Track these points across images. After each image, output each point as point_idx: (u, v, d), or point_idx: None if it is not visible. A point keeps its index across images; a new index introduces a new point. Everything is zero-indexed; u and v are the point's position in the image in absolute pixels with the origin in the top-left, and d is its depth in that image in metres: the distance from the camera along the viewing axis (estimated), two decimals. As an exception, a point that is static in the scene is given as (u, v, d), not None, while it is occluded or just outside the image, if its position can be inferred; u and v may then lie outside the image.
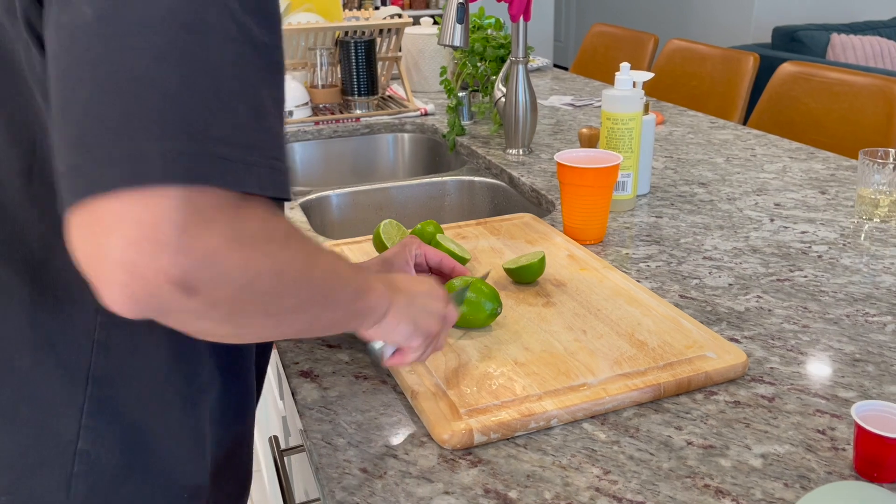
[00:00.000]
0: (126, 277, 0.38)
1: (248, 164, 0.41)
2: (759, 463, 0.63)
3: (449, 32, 1.28)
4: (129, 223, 0.38)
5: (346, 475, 0.62)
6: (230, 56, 0.41)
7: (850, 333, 0.82)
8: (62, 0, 0.40)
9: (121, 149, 0.38)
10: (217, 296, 0.41)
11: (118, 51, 0.39)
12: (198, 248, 0.39)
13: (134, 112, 0.38)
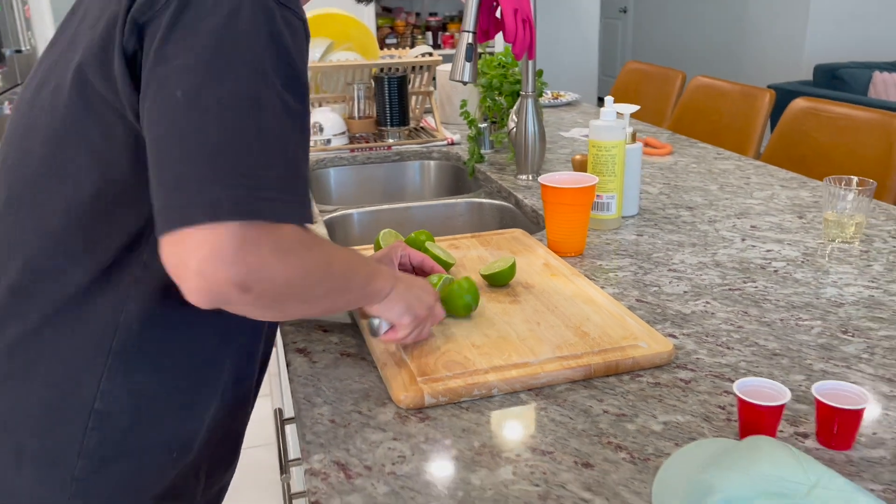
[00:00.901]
0: (202, 282, 0.58)
1: (285, 202, 0.60)
2: (660, 428, 0.75)
3: (459, 69, 1.44)
4: (205, 246, 0.57)
5: (318, 424, 0.77)
6: (277, 125, 0.60)
7: (777, 334, 0.93)
8: (159, 83, 0.59)
9: (201, 195, 0.57)
10: (265, 292, 0.61)
11: (200, 123, 0.58)
12: (250, 262, 0.58)
13: (209, 168, 0.57)
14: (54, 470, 0.69)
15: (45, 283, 0.69)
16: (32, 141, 0.70)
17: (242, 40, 0.60)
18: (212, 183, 0.57)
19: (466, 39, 1.44)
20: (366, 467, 0.70)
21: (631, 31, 7.09)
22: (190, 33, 0.59)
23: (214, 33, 0.59)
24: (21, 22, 3.49)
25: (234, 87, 0.58)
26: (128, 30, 0.62)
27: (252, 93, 0.59)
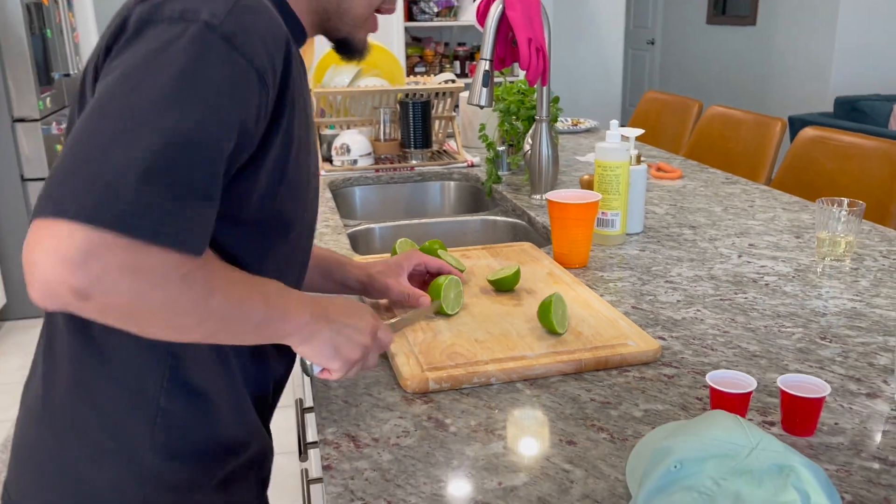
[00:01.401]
0: (38, 279, 0.57)
1: (158, 223, 0.58)
2: (640, 414, 0.82)
3: (476, 94, 1.54)
4: (48, 241, 0.56)
5: (332, 404, 0.86)
6: (162, 159, 0.59)
7: (760, 338, 1.00)
8: (96, 92, 0.63)
9: (65, 189, 0.57)
10: (109, 306, 0.59)
11: (95, 127, 0.60)
12: (92, 269, 0.56)
13: (85, 167, 0.58)
14: (131, 465, 0.75)
15: None
16: None
17: (164, 64, 0.62)
18: (81, 182, 0.57)
19: (484, 67, 1.54)
20: (373, 439, 0.79)
21: (658, 63, 7.18)
22: (130, 54, 0.64)
23: (145, 55, 0.63)
24: (70, 47, 3.69)
25: (138, 102, 0.60)
26: (103, 56, 0.69)
27: (155, 111, 0.60)
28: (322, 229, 1.53)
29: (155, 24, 0.64)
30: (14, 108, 3.18)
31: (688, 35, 6.58)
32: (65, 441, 0.76)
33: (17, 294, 3.37)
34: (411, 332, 0.99)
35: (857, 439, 0.77)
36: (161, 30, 0.64)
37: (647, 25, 7.25)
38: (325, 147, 2.12)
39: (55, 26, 3.50)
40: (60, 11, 3.58)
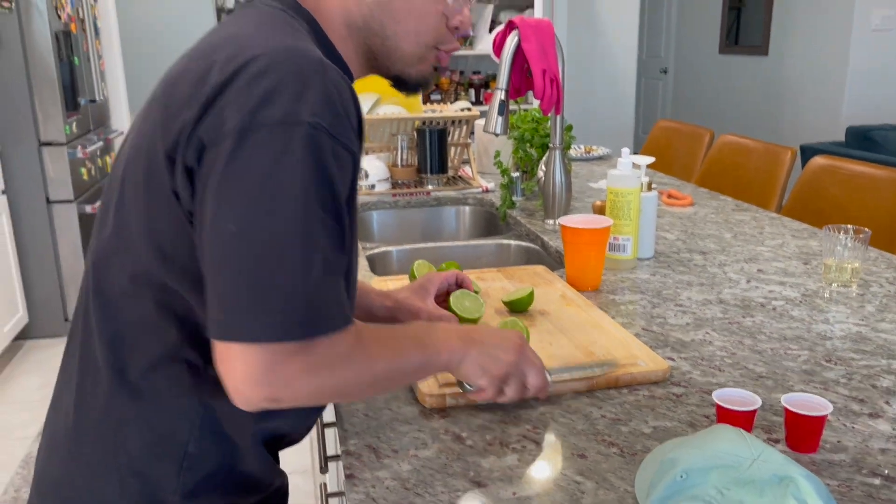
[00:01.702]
0: (238, 395, 0.69)
1: (316, 319, 0.68)
2: (650, 430, 0.86)
3: (492, 122, 1.60)
4: (239, 366, 0.67)
5: (354, 417, 0.90)
6: (313, 251, 0.67)
7: (766, 360, 1.04)
8: (214, 214, 0.66)
9: (239, 318, 0.66)
10: (296, 401, 0.71)
11: (246, 254, 0.66)
12: (278, 380, 0.68)
13: (249, 294, 0.66)
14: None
15: (142, 338, 0.75)
16: (107, 213, 0.78)
17: (289, 178, 0.66)
18: (248, 309, 0.66)
19: (499, 96, 1.60)
20: (393, 451, 0.82)
21: (671, 91, 7.25)
22: (244, 168, 0.66)
23: (266, 170, 0.65)
24: (97, 74, 3.80)
25: (278, 224, 0.66)
26: (193, 144, 0.69)
27: (293, 226, 0.66)
28: (341, 251, 1.58)
29: (256, 132, 0.66)
30: (41, 132, 3.27)
31: (700, 64, 6.65)
32: (92, 481, 0.78)
33: (39, 313, 3.44)
34: (429, 350, 1.03)
35: (858, 456, 0.80)
36: (267, 138, 0.66)
37: (659, 55, 7.33)
38: (343, 172, 2.17)
39: (82, 54, 3.61)
40: (88, 39, 3.69)
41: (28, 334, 3.44)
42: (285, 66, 0.68)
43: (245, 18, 0.79)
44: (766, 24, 5.62)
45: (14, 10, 3.14)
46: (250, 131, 0.66)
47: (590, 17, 4.28)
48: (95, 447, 0.78)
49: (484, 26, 4.22)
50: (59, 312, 3.45)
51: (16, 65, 3.18)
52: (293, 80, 0.68)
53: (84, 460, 0.79)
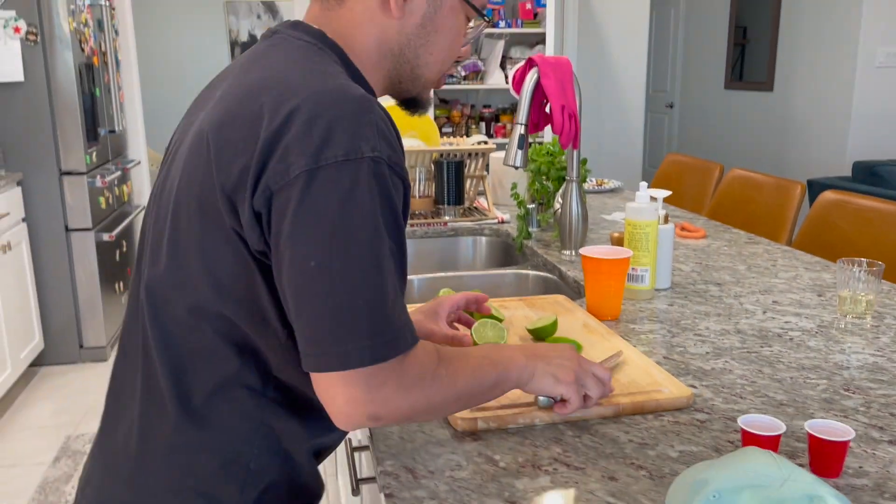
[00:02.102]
0: (343, 417, 0.75)
1: (398, 338, 0.74)
2: (676, 455, 0.89)
3: (512, 155, 1.65)
4: (342, 392, 0.73)
5: (388, 440, 0.93)
6: (388, 275, 0.74)
7: (786, 388, 1.06)
8: (293, 252, 0.71)
9: (334, 348, 0.72)
10: (394, 418, 0.77)
11: (330, 287, 0.71)
12: (378, 400, 0.74)
13: (339, 325, 0.71)
14: None
15: (204, 366, 0.80)
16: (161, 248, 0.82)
17: (361, 210, 0.71)
18: (341, 339, 0.71)
19: (519, 130, 1.65)
20: (429, 471, 0.85)
21: (677, 126, 7.34)
22: (316, 207, 0.71)
23: (337, 206, 0.70)
24: (116, 105, 3.88)
25: (356, 254, 0.71)
26: (259, 191, 0.72)
27: (370, 254, 0.72)
28: (364, 280, 1.61)
29: (324, 171, 0.71)
30: (62, 161, 3.34)
31: (706, 99, 6.74)
32: (160, 502, 0.82)
33: (54, 340, 3.47)
34: (458, 376, 1.06)
35: (880, 481, 0.83)
36: (334, 175, 0.71)
37: (665, 89, 7.44)
38: (362, 203, 2.22)
39: (103, 85, 3.69)
40: (109, 72, 3.77)
41: (43, 361, 3.47)
42: (336, 107, 0.73)
43: (279, 53, 0.83)
44: (771, 61, 5.72)
45: (40, 42, 3.22)
46: (317, 171, 0.71)
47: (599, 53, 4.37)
48: (162, 472, 0.82)
49: (495, 62, 4.30)
50: (74, 339, 3.49)
51: (40, 96, 3.26)
52: (347, 118, 0.72)
53: (151, 484, 0.82)
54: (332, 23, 0.86)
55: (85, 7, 3.46)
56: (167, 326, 0.81)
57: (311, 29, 0.86)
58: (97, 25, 3.62)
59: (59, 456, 2.70)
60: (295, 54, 0.82)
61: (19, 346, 3.14)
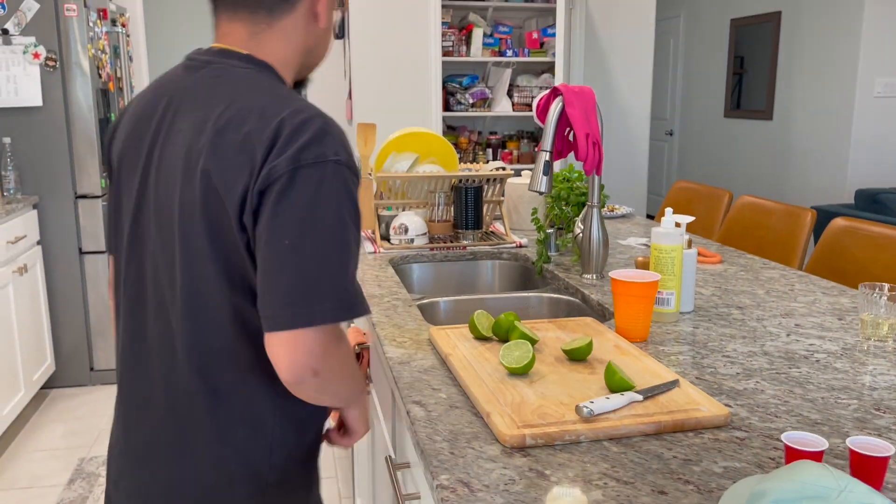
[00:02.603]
0: (295, 370, 0.91)
1: (355, 306, 0.92)
2: (721, 470, 0.92)
3: (537, 181, 1.69)
4: (300, 343, 0.90)
5: (440, 454, 0.96)
6: (347, 254, 0.93)
7: (819, 408, 1.10)
8: (271, 234, 0.89)
9: (305, 308, 0.89)
10: (322, 378, 0.93)
11: (300, 261, 0.89)
12: (322, 357, 0.92)
13: (309, 292, 0.89)
14: (256, 482, 1.03)
15: (228, 362, 0.99)
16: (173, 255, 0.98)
17: (327, 201, 0.90)
18: (310, 301, 0.89)
19: (544, 157, 1.69)
20: (484, 485, 0.88)
21: (677, 153, 7.43)
22: (293, 199, 0.89)
23: (309, 198, 0.89)
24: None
25: (323, 235, 0.89)
26: (255, 197, 0.91)
27: (334, 237, 0.90)
28: (394, 301, 1.65)
29: (303, 168, 0.90)
30: (78, 184, 3.37)
31: (706, 127, 6.83)
32: (205, 475, 1.01)
33: (66, 362, 3.48)
34: (501, 394, 1.09)
35: (921, 496, 0.86)
36: (309, 172, 0.90)
37: (665, 117, 7.54)
38: (382, 226, 2.26)
39: (119, 111, 3.74)
40: (124, 97, 3.83)
41: (54, 383, 3.47)
42: (308, 123, 0.93)
43: (237, 83, 0.98)
44: (770, 90, 5.81)
45: (58, 68, 3.28)
46: (298, 169, 0.89)
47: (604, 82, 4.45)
48: (200, 450, 1.00)
49: (502, 89, 4.38)
50: (84, 362, 3.50)
51: (57, 120, 3.30)
52: (317, 131, 0.92)
53: (190, 463, 1.00)
54: (261, 44, 1.02)
55: (102, 34, 3.53)
56: (195, 333, 0.97)
57: (241, 55, 1.01)
58: (113, 52, 3.68)
59: (73, 478, 2.70)
60: (255, 82, 0.98)
61: (32, 368, 3.15)
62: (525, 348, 1.18)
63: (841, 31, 5.06)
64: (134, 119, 1.05)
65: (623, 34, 4.38)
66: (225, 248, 0.93)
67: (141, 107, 1.05)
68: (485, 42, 4.36)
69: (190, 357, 0.97)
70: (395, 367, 1.26)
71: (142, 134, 1.02)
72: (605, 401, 1.04)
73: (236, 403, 0.99)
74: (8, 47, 3.18)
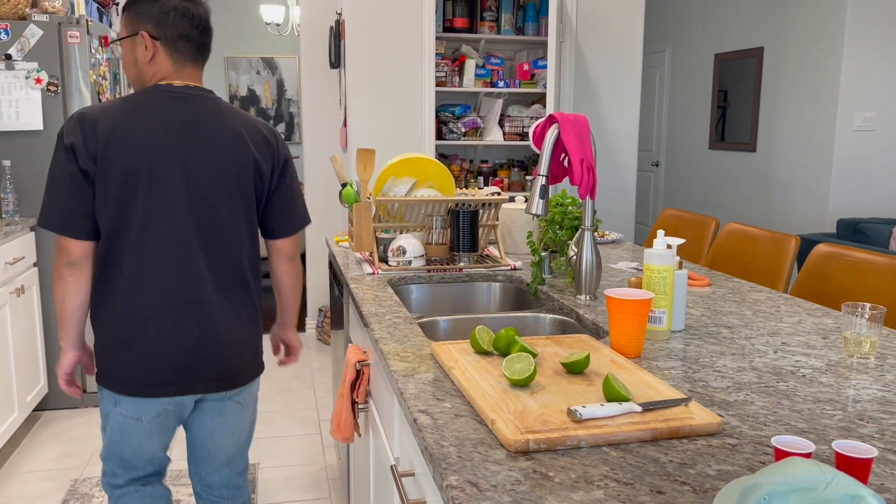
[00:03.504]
0: (293, 250, 1.92)
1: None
2: (715, 472, 0.97)
3: (534, 204, 1.75)
4: (297, 239, 1.91)
5: (448, 457, 1.00)
6: (303, 200, 1.88)
7: (806, 418, 1.15)
8: (286, 188, 1.90)
9: (305, 220, 1.91)
10: (297, 259, 1.95)
11: (298, 200, 1.91)
12: (297, 247, 1.90)
13: (303, 210, 1.91)
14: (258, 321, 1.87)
15: (247, 257, 1.86)
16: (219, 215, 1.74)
17: (295, 172, 1.86)
18: (305, 217, 1.91)
19: (541, 182, 1.76)
20: (491, 486, 0.93)
21: (663, 183, 7.56)
22: (291, 171, 1.87)
23: (293, 171, 1.87)
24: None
25: (299, 189, 1.87)
26: (279, 171, 1.85)
27: (299, 189, 1.88)
28: (394, 319, 1.70)
29: (290, 157, 1.84)
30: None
31: (691, 158, 6.97)
32: (252, 324, 1.85)
33: (58, 384, 3.48)
34: (504, 404, 1.14)
35: (902, 495, 0.91)
36: (291, 160, 1.84)
37: (652, 148, 7.68)
38: (381, 249, 2.32)
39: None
40: (122, 121, 3.88)
41: (46, 405, 3.47)
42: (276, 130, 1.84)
43: (230, 107, 1.77)
44: (754, 123, 5.96)
45: (60, 93, 3.33)
46: (288, 158, 1.85)
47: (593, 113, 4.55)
48: (248, 315, 1.81)
49: (493, 119, 4.47)
50: (77, 383, 3.50)
51: (57, 144, 3.35)
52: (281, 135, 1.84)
53: (246, 322, 1.81)
54: (202, 82, 1.79)
55: (103, 61, 3.59)
56: (236, 256, 1.77)
57: (209, 90, 1.76)
58: (113, 78, 3.74)
59: (66, 499, 2.70)
60: (233, 108, 1.78)
61: (26, 389, 3.15)
62: (527, 361, 1.23)
63: (821, 66, 5.22)
64: (148, 136, 1.62)
65: (611, 67, 4.51)
66: (250, 200, 1.77)
67: (144, 125, 1.62)
68: (477, 73, 4.47)
69: (228, 257, 1.76)
70: (399, 380, 1.30)
71: (166, 145, 1.64)
72: (599, 407, 1.10)
73: (250, 283, 1.82)
74: (10, 72, 3.24)
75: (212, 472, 1.89)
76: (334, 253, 2.56)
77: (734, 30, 6.25)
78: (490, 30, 4.52)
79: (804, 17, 5.40)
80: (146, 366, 1.64)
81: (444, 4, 4.46)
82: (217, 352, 1.70)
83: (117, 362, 1.65)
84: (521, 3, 4.60)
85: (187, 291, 1.65)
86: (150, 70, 1.67)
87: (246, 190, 1.70)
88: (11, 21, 3.26)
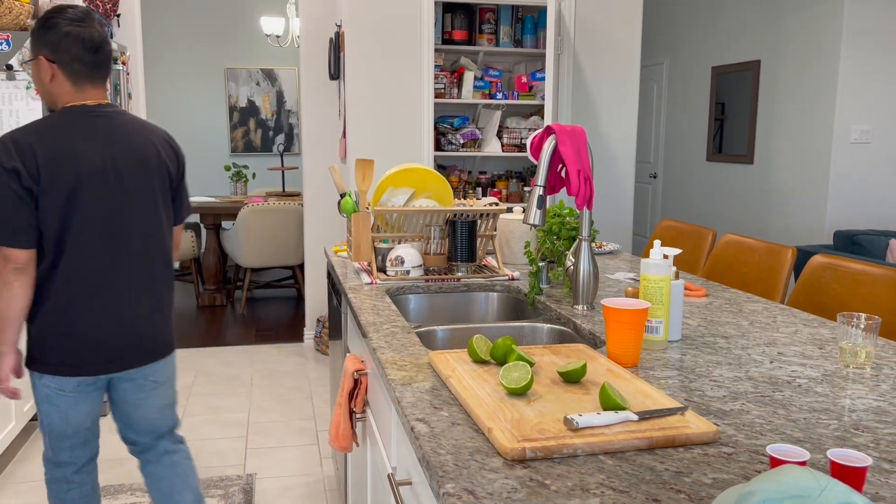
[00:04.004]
0: (180, 243, 2.20)
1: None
2: (710, 481, 0.97)
3: (532, 215, 1.76)
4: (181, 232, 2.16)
5: (445, 465, 1.01)
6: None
7: (801, 427, 1.16)
8: (183, 188, 2.21)
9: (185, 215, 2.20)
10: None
11: (187, 198, 2.21)
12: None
13: (188, 207, 2.18)
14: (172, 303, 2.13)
15: (168, 253, 2.12)
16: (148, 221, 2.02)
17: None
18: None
19: (538, 192, 1.77)
20: (488, 493, 0.93)
21: (660, 195, 7.58)
22: (184, 176, 2.17)
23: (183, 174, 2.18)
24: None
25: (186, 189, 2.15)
26: (177, 174, 2.13)
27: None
28: (392, 328, 1.70)
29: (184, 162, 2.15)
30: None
31: (689, 170, 7.00)
32: (170, 320, 2.13)
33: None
34: (501, 412, 1.14)
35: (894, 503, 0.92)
36: (184, 165, 2.15)
37: (649, 160, 7.71)
38: (379, 258, 2.32)
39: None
40: (122, 131, 3.90)
41: (42, 414, 3.46)
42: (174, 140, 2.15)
43: (139, 120, 2.01)
44: (751, 135, 5.99)
45: (60, 103, 3.35)
46: (184, 162, 2.15)
47: (591, 125, 4.58)
48: (168, 299, 2.07)
49: (492, 130, 4.49)
50: (74, 393, 3.49)
51: (57, 153, 3.36)
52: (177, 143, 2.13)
53: (165, 306, 2.06)
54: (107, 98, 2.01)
55: (103, 70, 3.61)
56: (161, 245, 2.02)
57: (116, 106, 1.98)
58: (114, 89, 3.76)
59: (62, 508, 2.69)
60: (141, 120, 2.01)
61: (23, 399, 3.14)
62: (524, 370, 1.24)
63: (818, 79, 5.25)
64: (80, 152, 1.84)
65: (609, 79, 4.53)
66: (167, 197, 2.04)
67: (75, 143, 1.83)
68: (476, 85, 4.49)
69: (162, 256, 2.04)
70: (397, 389, 1.31)
71: (97, 157, 1.86)
72: (595, 416, 1.10)
73: (172, 274, 2.10)
74: (11, 82, 3.25)
75: (137, 434, 2.15)
76: (333, 263, 2.57)
77: (731, 42, 6.29)
78: (489, 42, 4.55)
79: (801, 30, 5.44)
80: (78, 349, 1.89)
81: (443, 17, 4.49)
82: (141, 334, 1.99)
83: (53, 348, 1.88)
84: (520, 15, 4.63)
85: (119, 282, 1.92)
86: (54, 89, 1.89)
87: (165, 189, 2.02)
88: (13, 32, 3.27)
